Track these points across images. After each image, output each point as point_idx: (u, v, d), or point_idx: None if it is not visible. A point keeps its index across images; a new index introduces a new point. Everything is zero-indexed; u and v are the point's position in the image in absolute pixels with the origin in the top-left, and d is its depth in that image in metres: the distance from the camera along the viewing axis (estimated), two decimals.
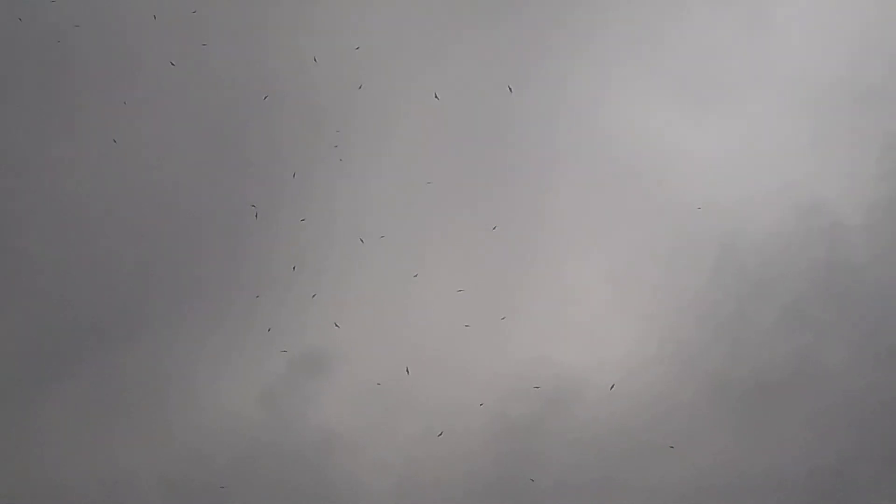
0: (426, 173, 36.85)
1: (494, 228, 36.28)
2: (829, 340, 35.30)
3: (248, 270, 36.43)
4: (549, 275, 36.49)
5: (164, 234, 36.60)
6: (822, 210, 36.18)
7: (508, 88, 36.49)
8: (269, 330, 35.73)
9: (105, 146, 36.75)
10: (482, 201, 36.75)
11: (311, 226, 36.72)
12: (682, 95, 37.40)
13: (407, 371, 35.22)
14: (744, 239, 36.34)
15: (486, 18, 37.66)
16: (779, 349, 35.44)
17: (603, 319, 36.09)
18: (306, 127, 37.03)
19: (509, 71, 37.22)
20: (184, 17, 36.86)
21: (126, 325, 36.03)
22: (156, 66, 36.93)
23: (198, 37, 36.93)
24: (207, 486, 34.78)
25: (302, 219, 36.36)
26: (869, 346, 35.14)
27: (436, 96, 36.01)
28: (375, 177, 37.12)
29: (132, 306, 36.17)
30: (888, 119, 36.64)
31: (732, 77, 37.30)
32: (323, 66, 37.11)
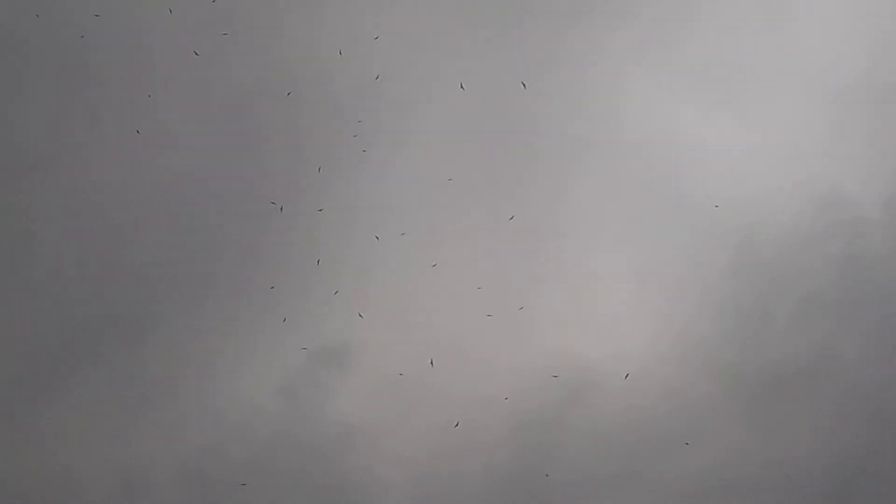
0: (447, 167, 36.87)
1: (512, 218, 36.30)
2: (847, 334, 35.48)
3: (267, 264, 36.35)
4: (569, 268, 36.56)
5: (184, 228, 36.52)
6: (841, 205, 36.36)
7: (522, 84, 36.48)
8: (284, 320, 35.61)
9: (124, 142, 36.62)
10: (503, 195, 36.79)
11: (331, 219, 36.68)
12: (703, 91, 37.55)
13: (431, 363, 35.20)
14: (763, 233, 36.50)
15: (506, 12, 37.65)
16: (797, 343, 35.58)
17: (622, 312, 36.20)
18: (326, 121, 36.94)
19: (529, 65, 37.28)
20: (203, 10, 36.70)
21: (146, 318, 35.95)
22: (175, 62, 36.76)
23: (218, 28, 36.78)
24: (226, 478, 34.70)
25: (320, 209, 36.25)
26: (887, 340, 35.32)
27: (461, 86, 36.00)
28: (396, 171, 37.14)
29: (152, 299, 36.08)
30: None
31: (752, 73, 37.44)
32: (343, 60, 37.01)
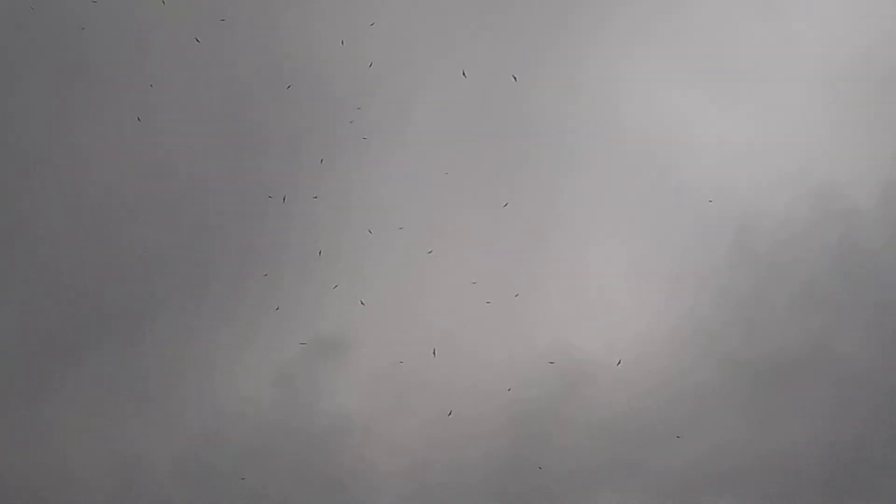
0: (444, 158, 36.83)
1: (506, 205, 36.21)
2: (843, 322, 35.66)
3: (265, 255, 36.23)
4: (567, 259, 36.61)
5: (181, 220, 36.41)
6: (837, 194, 36.45)
7: (513, 78, 36.30)
8: (277, 309, 35.50)
9: (121, 133, 36.41)
10: (500, 187, 36.70)
11: (328, 211, 36.53)
12: (699, 80, 37.52)
13: (434, 353, 35.17)
14: (759, 222, 36.59)
15: (503, 4, 37.49)
16: (793, 331, 35.74)
17: (619, 304, 36.23)
18: (324, 113, 36.80)
19: (526, 58, 37.16)
20: (202, 2, 36.44)
21: (144, 311, 35.91)
22: (173, 54, 36.53)
23: (216, 15, 36.49)
24: (223, 469, 34.70)
25: (315, 196, 36.07)
26: (882, 329, 35.50)
27: (463, 74, 35.83)
28: (393, 162, 37.03)
29: (150, 291, 36.04)
30: None
31: (749, 62, 37.42)
32: (342, 52, 36.80)
